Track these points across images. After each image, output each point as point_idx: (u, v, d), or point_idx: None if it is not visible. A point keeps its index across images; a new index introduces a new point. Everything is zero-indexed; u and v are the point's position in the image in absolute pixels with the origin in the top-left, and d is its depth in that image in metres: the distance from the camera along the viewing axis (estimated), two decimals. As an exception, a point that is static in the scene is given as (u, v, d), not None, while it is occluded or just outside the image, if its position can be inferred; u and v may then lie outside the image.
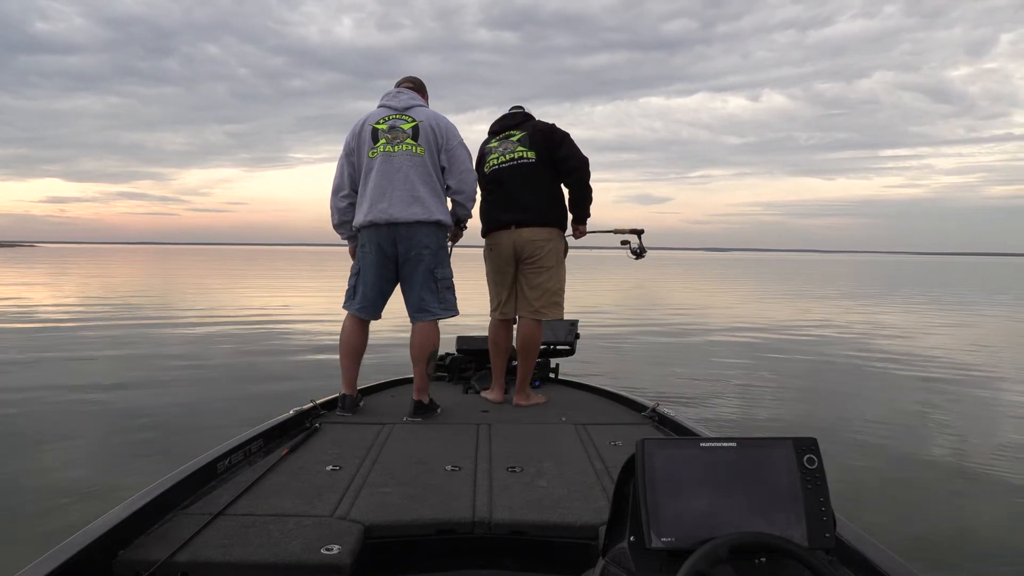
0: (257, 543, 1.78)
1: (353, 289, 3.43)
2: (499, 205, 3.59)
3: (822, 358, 8.67)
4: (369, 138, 3.34)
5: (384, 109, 3.39)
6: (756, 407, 5.88)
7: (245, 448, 2.54)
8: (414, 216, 3.24)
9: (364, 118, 3.41)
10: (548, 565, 1.94)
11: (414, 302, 3.36)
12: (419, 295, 3.34)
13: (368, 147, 3.34)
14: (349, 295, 3.45)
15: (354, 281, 3.43)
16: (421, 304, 3.34)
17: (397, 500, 2.12)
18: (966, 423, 5.39)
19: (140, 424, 4.98)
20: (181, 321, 12.16)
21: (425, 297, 3.34)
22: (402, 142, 3.29)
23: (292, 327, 11.53)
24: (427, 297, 3.34)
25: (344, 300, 3.47)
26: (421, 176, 3.28)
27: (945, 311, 16.47)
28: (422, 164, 3.29)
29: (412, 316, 3.38)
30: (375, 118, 3.37)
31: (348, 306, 3.44)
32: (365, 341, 3.46)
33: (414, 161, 3.28)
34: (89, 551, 1.61)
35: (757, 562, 1.16)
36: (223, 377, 6.96)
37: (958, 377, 7.45)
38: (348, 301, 3.45)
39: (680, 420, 2.95)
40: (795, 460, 1.23)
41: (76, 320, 12.13)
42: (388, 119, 3.35)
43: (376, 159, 3.30)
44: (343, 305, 3.47)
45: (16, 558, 2.51)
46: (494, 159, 3.62)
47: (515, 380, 3.64)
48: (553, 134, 3.58)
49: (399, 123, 3.33)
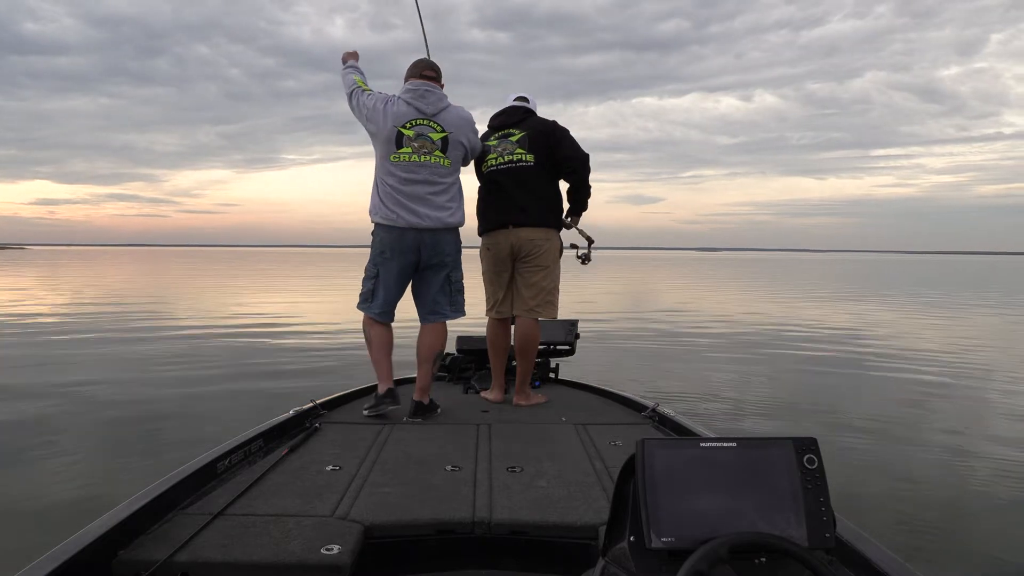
0: (257, 543, 1.78)
1: (372, 292, 3.34)
2: (496, 206, 3.58)
3: (821, 357, 8.66)
4: (393, 140, 3.21)
5: (411, 110, 3.23)
6: (756, 407, 5.88)
7: (245, 448, 2.54)
8: (439, 223, 3.24)
9: (385, 105, 3.23)
10: (548, 565, 1.94)
11: (428, 304, 3.36)
12: (434, 298, 3.35)
13: (389, 148, 3.21)
14: (366, 297, 3.36)
15: (372, 284, 3.33)
16: (435, 307, 3.36)
17: (397, 500, 2.12)
18: (962, 420, 5.38)
19: (133, 428, 4.96)
20: (171, 324, 12.15)
21: (439, 300, 3.36)
22: (430, 153, 3.22)
23: (286, 328, 11.53)
24: (441, 300, 3.36)
25: (360, 302, 3.38)
26: (447, 184, 3.28)
27: (938, 310, 16.47)
28: (448, 173, 3.29)
29: (424, 317, 3.38)
30: (402, 119, 3.21)
31: (367, 309, 3.36)
32: (392, 336, 3.44)
33: (439, 172, 3.25)
34: (89, 551, 1.61)
35: (757, 562, 1.16)
36: (216, 379, 6.94)
37: (953, 375, 7.45)
38: (365, 303, 3.36)
39: (680, 420, 2.95)
40: (795, 460, 1.23)
41: (66, 323, 12.13)
42: (416, 123, 3.22)
43: (398, 165, 3.21)
44: (360, 307, 3.38)
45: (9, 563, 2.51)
46: (492, 159, 3.59)
47: (515, 380, 3.65)
48: (552, 134, 3.54)
49: (427, 131, 3.23)
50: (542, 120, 3.63)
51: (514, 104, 3.70)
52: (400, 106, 3.23)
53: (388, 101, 3.25)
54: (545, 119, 3.65)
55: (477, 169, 3.68)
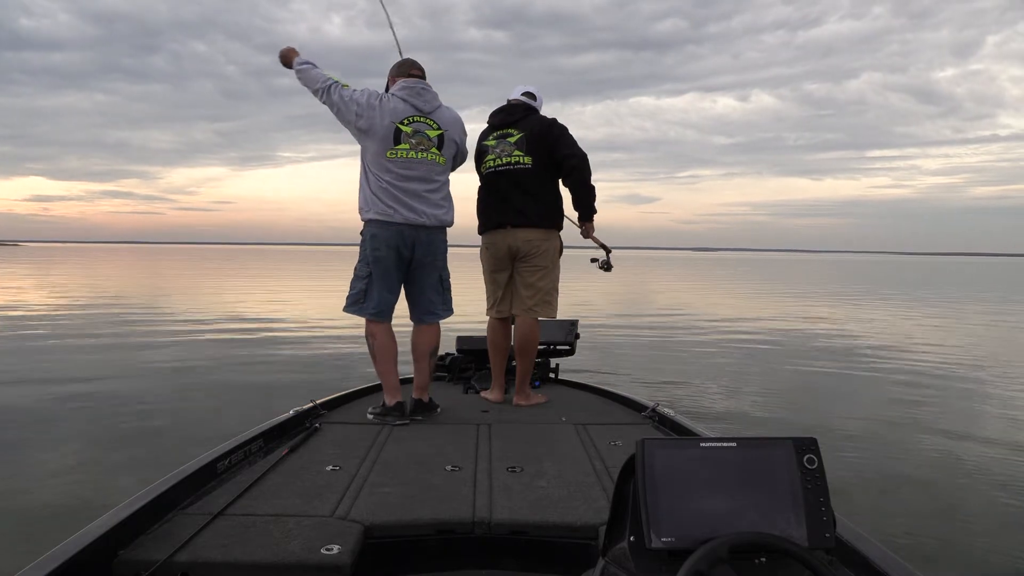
0: (257, 543, 1.78)
1: (364, 292, 3.24)
2: (495, 206, 3.57)
3: (819, 356, 8.67)
4: (390, 136, 3.17)
5: (409, 107, 3.21)
6: (755, 407, 5.88)
7: (245, 448, 2.54)
8: (436, 220, 3.24)
9: (380, 101, 3.20)
10: (548, 565, 1.94)
11: (423, 304, 3.35)
12: (428, 298, 3.34)
13: (386, 144, 3.17)
14: (357, 299, 3.25)
15: (365, 284, 3.24)
16: (430, 307, 3.35)
17: (397, 500, 2.12)
18: (960, 419, 5.39)
19: (122, 431, 4.93)
20: (164, 323, 12.14)
21: (433, 299, 3.35)
22: (427, 150, 3.21)
23: (282, 327, 11.53)
24: (435, 299, 3.35)
25: (348, 304, 3.28)
26: (441, 182, 3.28)
27: (933, 310, 16.47)
28: (442, 171, 3.29)
29: (419, 318, 3.37)
30: (399, 115, 3.19)
31: (358, 311, 3.25)
32: (395, 342, 3.37)
33: (435, 169, 3.25)
34: (89, 551, 1.61)
35: (757, 562, 1.16)
36: (209, 381, 6.91)
37: (949, 375, 7.46)
38: (356, 305, 3.26)
39: (680, 420, 2.95)
40: (795, 460, 1.23)
41: (59, 320, 12.12)
42: (413, 120, 3.21)
43: (395, 161, 3.18)
44: (351, 310, 3.27)
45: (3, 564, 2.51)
46: (491, 160, 3.57)
47: (515, 380, 3.64)
48: (549, 133, 3.49)
49: (425, 128, 3.22)
50: (541, 119, 3.58)
51: (517, 100, 3.65)
52: (396, 102, 3.21)
53: (381, 97, 3.22)
54: (545, 117, 3.61)
55: (476, 168, 3.68)
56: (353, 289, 3.27)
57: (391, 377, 3.26)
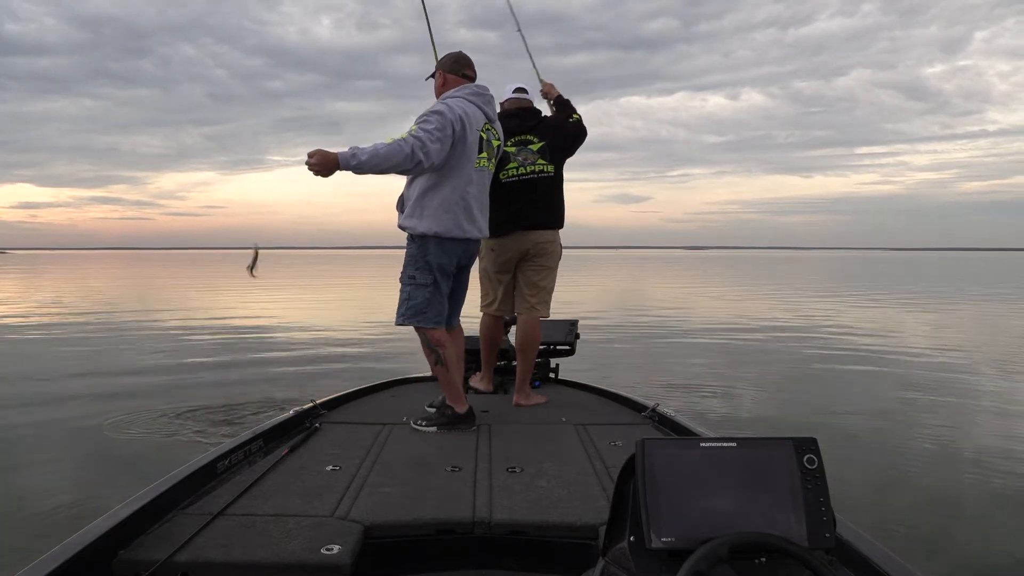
0: (257, 543, 1.78)
1: (427, 301, 3.03)
2: (514, 214, 3.51)
3: (817, 356, 8.66)
4: (476, 145, 3.04)
5: (480, 113, 3.07)
6: (755, 407, 5.88)
7: (245, 448, 2.54)
8: (485, 234, 3.25)
9: (464, 113, 2.96)
10: (548, 565, 1.94)
11: (458, 308, 3.34)
12: (461, 300, 3.35)
13: (474, 155, 3.03)
14: (420, 309, 3.03)
15: (428, 293, 3.03)
16: (458, 309, 3.35)
17: (397, 500, 2.12)
18: (957, 417, 5.39)
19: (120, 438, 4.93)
20: (163, 323, 12.14)
21: (462, 301, 3.37)
22: (491, 160, 3.19)
23: (269, 331, 11.53)
24: (462, 300, 3.38)
25: (409, 315, 3.05)
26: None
27: (927, 305, 16.47)
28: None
29: (450, 322, 3.27)
30: (477, 121, 3.04)
31: (422, 321, 3.04)
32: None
33: (489, 179, 3.25)
34: (89, 551, 1.61)
35: (757, 562, 1.16)
36: (202, 383, 6.89)
37: (944, 371, 7.44)
38: (419, 316, 3.04)
39: (680, 420, 2.95)
40: (795, 460, 1.23)
41: (47, 329, 12.12)
42: (487, 128, 3.12)
43: (480, 171, 3.10)
44: (411, 321, 3.06)
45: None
46: (513, 168, 3.50)
47: (515, 380, 3.64)
48: (573, 144, 3.59)
49: (492, 138, 3.18)
50: (556, 124, 3.62)
51: (524, 104, 3.63)
52: (472, 108, 3.02)
53: (461, 105, 2.99)
54: (556, 119, 3.66)
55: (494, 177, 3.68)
56: (414, 299, 3.05)
57: (458, 384, 3.12)
